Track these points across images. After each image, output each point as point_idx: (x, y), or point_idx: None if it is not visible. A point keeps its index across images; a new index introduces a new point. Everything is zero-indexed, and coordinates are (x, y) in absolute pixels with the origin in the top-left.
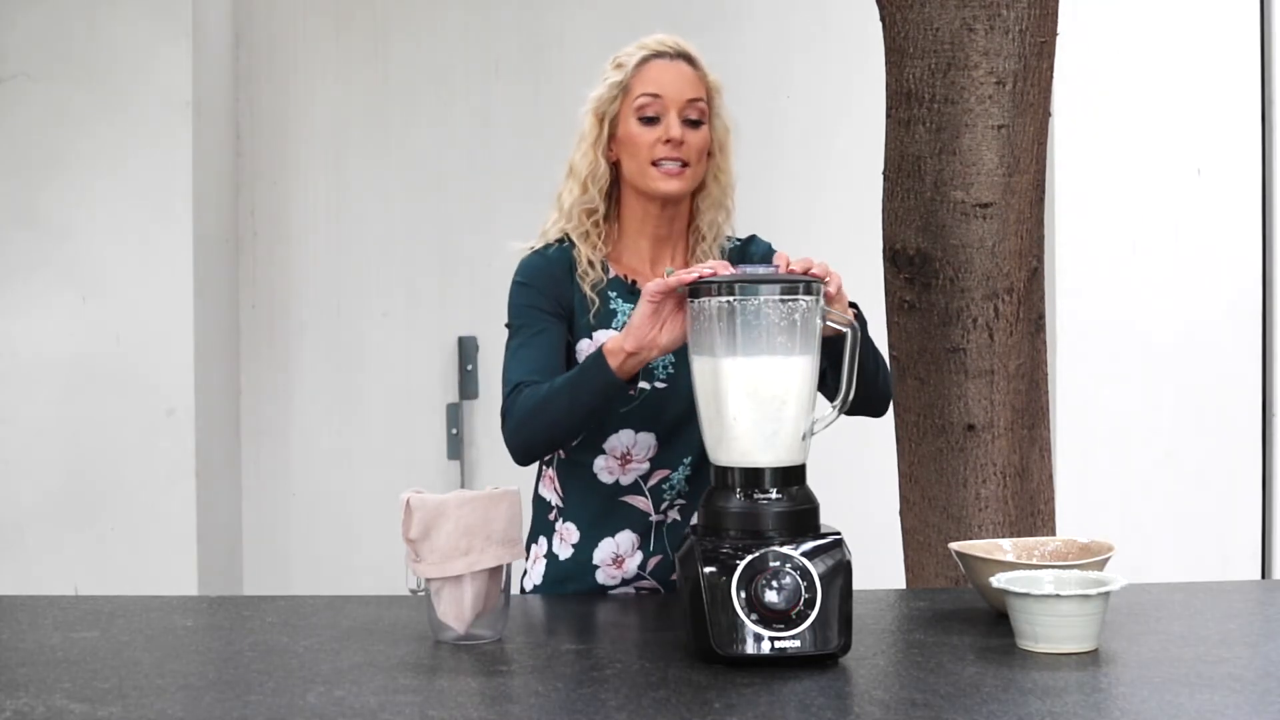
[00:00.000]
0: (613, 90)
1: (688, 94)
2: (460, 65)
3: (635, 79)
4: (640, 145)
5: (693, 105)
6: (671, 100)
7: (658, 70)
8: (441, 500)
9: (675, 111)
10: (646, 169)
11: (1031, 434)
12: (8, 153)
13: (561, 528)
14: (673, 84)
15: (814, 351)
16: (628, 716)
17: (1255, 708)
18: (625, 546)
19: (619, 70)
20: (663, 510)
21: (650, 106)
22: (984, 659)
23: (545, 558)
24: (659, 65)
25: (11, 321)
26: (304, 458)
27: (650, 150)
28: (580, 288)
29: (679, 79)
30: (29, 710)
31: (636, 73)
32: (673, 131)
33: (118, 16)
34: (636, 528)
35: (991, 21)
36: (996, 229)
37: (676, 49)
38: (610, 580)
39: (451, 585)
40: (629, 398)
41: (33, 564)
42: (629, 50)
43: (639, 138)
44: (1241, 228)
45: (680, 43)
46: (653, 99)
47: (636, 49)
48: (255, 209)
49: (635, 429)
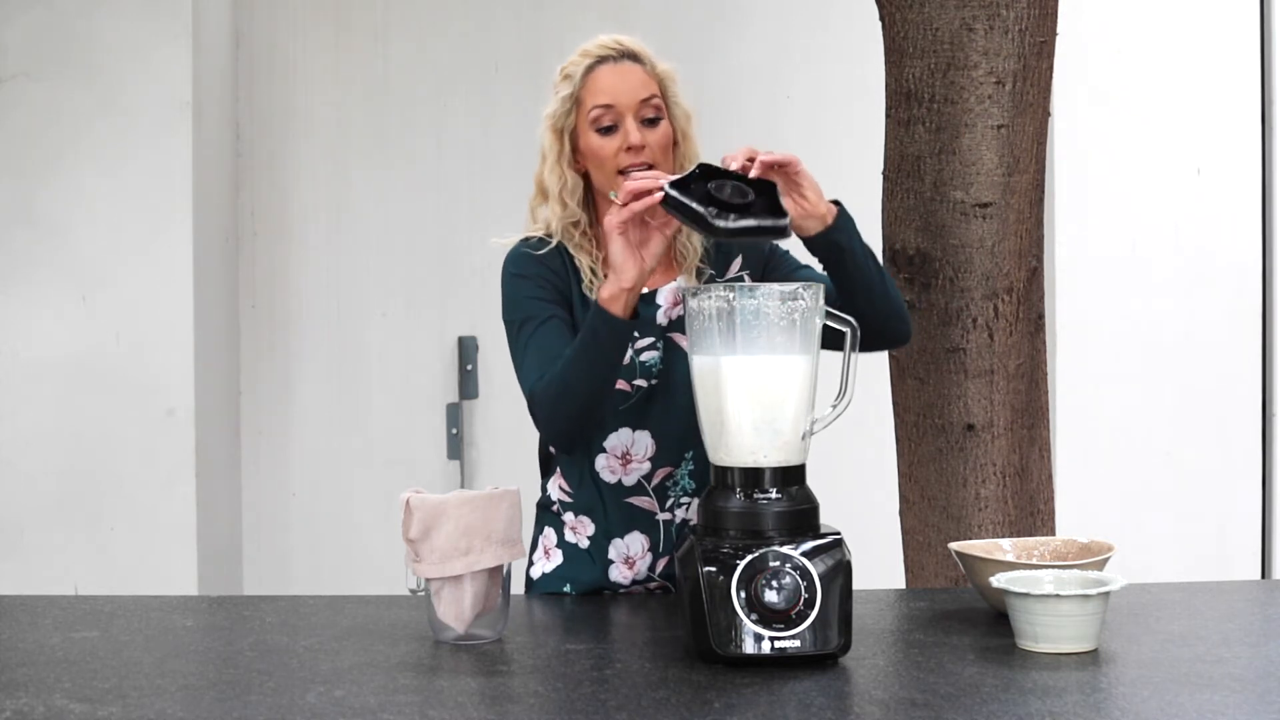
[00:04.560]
0: (565, 104)
1: (640, 94)
2: (460, 65)
3: (585, 90)
4: (603, 157)
5: (647, 105)
6: (625, 106)
7: (605, 77)
8: (441, 500)
9: (631, 116)
10: (613, 177)
11: (1031, 434)
12: (8, 153)
13: (575, 521)
14: (623, 88)
15: (814, 351)
16: (628, 716)
17: (1255, 708)
18: (636, 549)
19: (568, 82)
20: (669, 509)
21: (605, 116)
22: (984, 659)
23: (559, 547)
24: (606, 71)
25: (11, 321)
26: (304, 458)
27: (614, 160)
28: (574, 286)
29: (628, 82)
30: (29, 710)
31: (585, 82)
32: (632, 139)
33: (118, 16)
34: (645, 529)
35: (991, 21)
36: (996, 229)
37: (620, 49)
38: (622, 579)
39: (451, 585)
40: (625, 395)
41: (33, 564)
42: (574, 59)
43: (600, 150)
44: (1241, 228)
45: (623, 41)
46: (605, 109)
47: (580, 57)
48: (255, 209)
49: (632, 427)
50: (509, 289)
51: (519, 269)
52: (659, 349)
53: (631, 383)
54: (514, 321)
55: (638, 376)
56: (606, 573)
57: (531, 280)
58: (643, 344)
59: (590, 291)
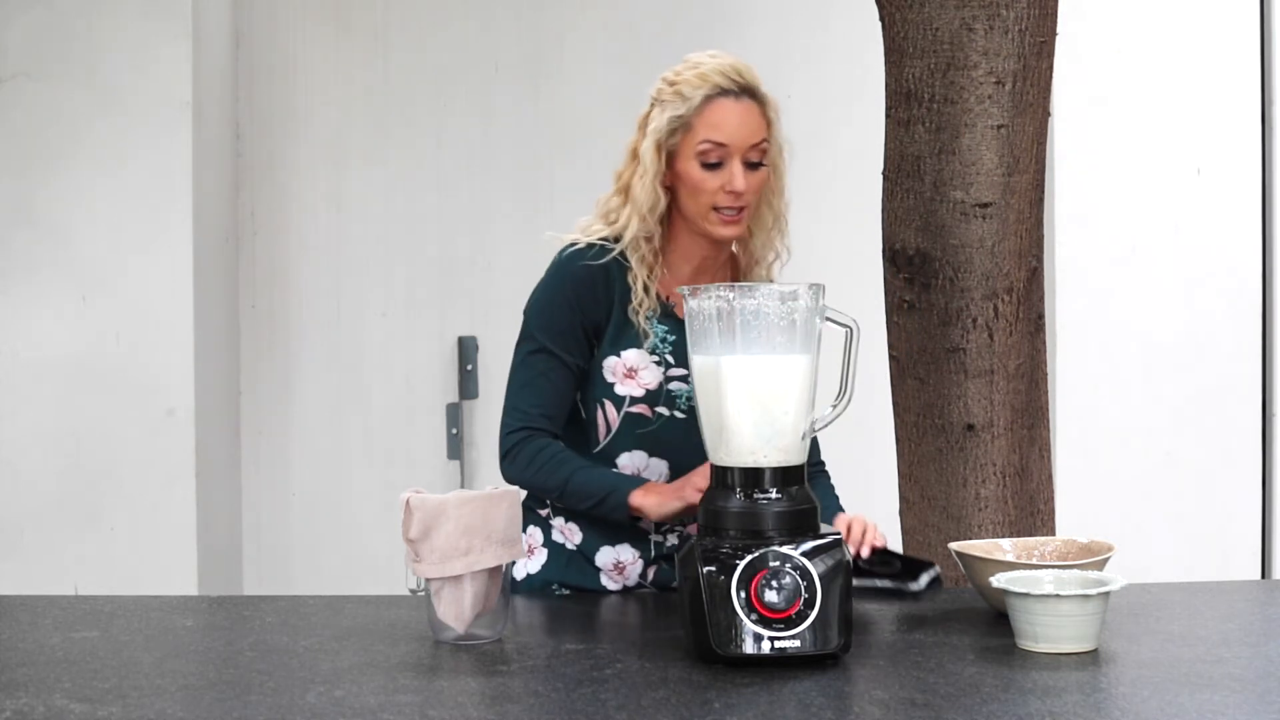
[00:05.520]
0: (673, 124)
1: (753, 139)
2: (460, 65)
3: (699, 118)
4: (702, 191)
5: (755, 149)
6: (737, 148)
7: (724, 113)
8: (441, 500)
9: (739, 158)
10: (707, 214)
11: (1031, 434)
12: (8, 153)
13: (564, 526)
14: (739, 130)
15: (814, 351)
16: (628, 716)
17: (1255, 708)
18: (627, 556)
19: (679, 101)
20: (663, 532)
21: (714, 153)
22: (984, 659)
23: (545, 546)
24: (725, 107)
25: (11, 321)
26: (304, 458)
27: (712, 196)
28: (618, 306)
29: (746, 123)
30: (29, 710)
31: (700, 112)
32: (736, 184)
33: (118, 16)
34: (636, 543)
35: (991, 21)
36: (996, 229)
37: (742, 84)
38: (612, 585)
39: (451, 585)
40: (645, 420)
41: (33, 564)
42: (689, 79)
43: (701, 183)
44: (1241, 228)
45: (744, 73)
46: (717, 146)
47: (698, 80)
48: (255, 209)
49: (649, 453)
50: (543, 296)
51: (562, 287)
52: (689, 383)
53: (654, 409)
54: (529, 335)
55: (660, 404)
56: (596, 578)
57: (566, 304)
58: (675, 373)
59: (636, 312)
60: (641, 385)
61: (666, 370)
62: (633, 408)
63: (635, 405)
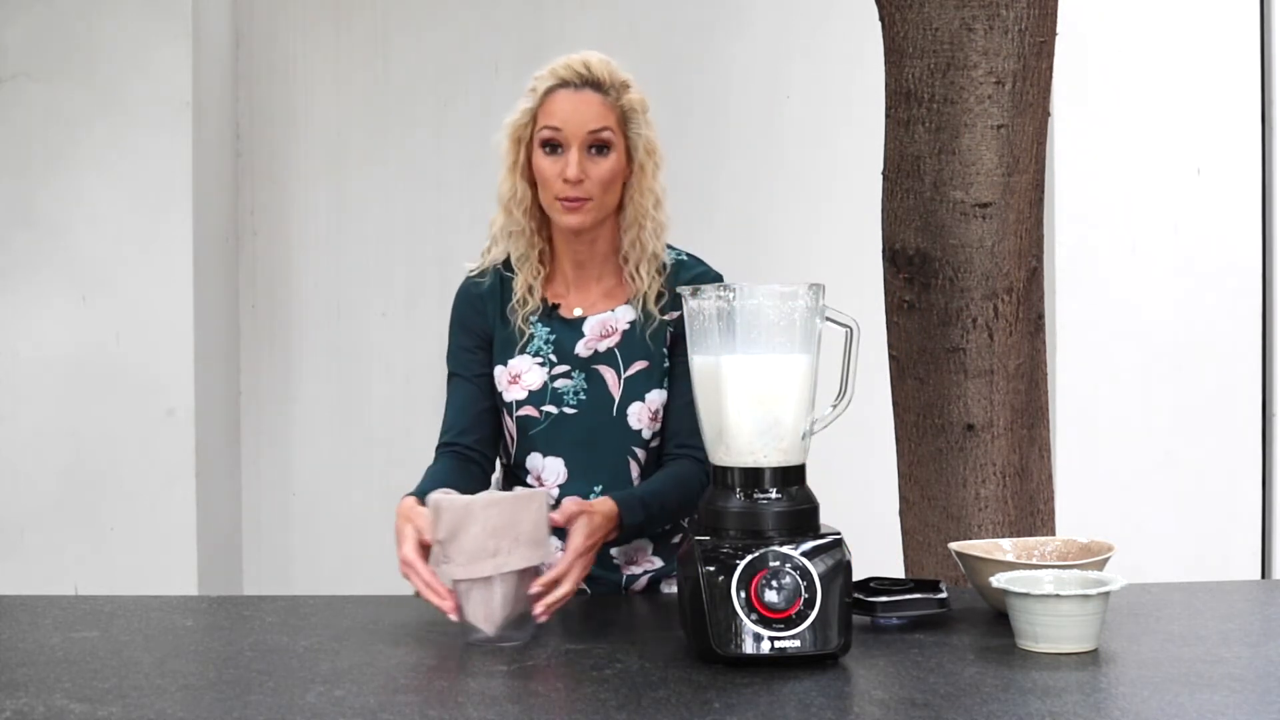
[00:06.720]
0: (524, 116)
1: (589, 125)
2: (460, 65)
3: (541, 108)
4: (546, 178)
5: (595, 135)
6: (572, 134)
7: (560, 101)
8: (469, 501)
9: (576, 145)
10: (552, 202)
11: (1031, 434)
12: (8, 153)
13: None
14: (574, 116)
15: (814, 351)
16: (628, 716)
17: (1255, 708)
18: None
19: (529, 95)
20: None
21: (552, 139)
22: (984, 659)
23: None
24: (562, 96)
25: (11, 321)
26: (304, 457)
27: (554, 184)
28: (505, 317)
29: (581, 110)
30: (29, 710)
31: (543, 102)
32: (569, 171)
33: (118, 16)
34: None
35: (991, 21)
36: (996, 229)
37: (583, 77)
38: None
39: (481, 587)
40: (535, 420)
41: (33, 564)
42: (542, 74)
43: (544, 170)
44: (1241, 228)
45: (591, 66)
46: (554, 131)
47: (547, 75)
48: (255, 209)
49: (543, 453)
50: (450, 330)
51: (456, 313)
52: (574, 378)
53: (540, 408)
54: (447, 365)
55: (547, 403)
56: None
57: (459, 326)
58: (557, 371)
59: (515, 311)
60: (525, 387)
61: (550, 369)
62: (521, 410)
63: (522, 408)
